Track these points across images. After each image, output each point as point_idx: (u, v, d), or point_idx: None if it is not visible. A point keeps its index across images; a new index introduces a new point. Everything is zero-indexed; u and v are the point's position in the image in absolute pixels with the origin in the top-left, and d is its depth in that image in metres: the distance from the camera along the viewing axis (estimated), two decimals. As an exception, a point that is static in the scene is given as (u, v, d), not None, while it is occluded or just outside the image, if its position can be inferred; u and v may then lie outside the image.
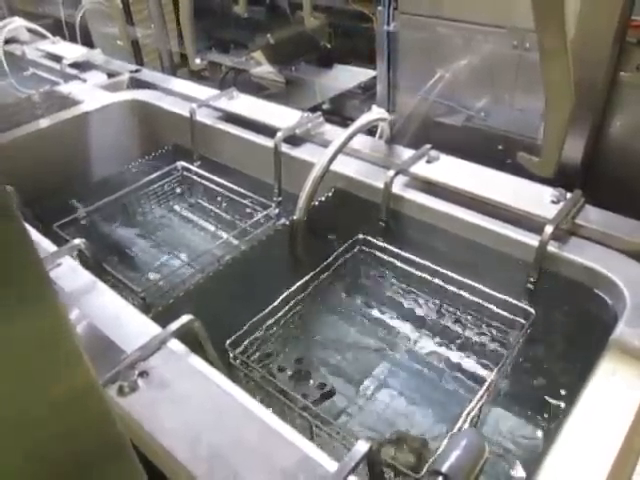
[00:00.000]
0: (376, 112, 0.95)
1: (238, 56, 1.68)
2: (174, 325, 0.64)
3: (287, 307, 0.82)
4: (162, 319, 0.68)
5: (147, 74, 1.43)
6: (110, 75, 1.44)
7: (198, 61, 1.31)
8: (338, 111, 1.50)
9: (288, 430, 0.54)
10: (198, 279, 0.83)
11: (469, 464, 0.45)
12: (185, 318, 0.65)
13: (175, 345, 0.64)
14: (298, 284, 0.84)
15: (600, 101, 0.88)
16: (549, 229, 0.76)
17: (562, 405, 0.66)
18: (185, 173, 1.21)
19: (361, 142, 1.05)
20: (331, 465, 0.51)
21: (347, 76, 1.64)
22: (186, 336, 0.67)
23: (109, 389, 0.58)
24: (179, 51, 1.67)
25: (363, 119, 0.93)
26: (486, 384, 0.67)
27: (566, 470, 0.51)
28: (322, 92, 1.58)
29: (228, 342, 0.75)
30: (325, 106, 1.56)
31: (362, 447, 0.50)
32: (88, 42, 1.79)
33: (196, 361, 0.62)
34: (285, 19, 1.64)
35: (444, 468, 0.44)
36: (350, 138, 0.91)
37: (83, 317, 0.69)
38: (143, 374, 0.60)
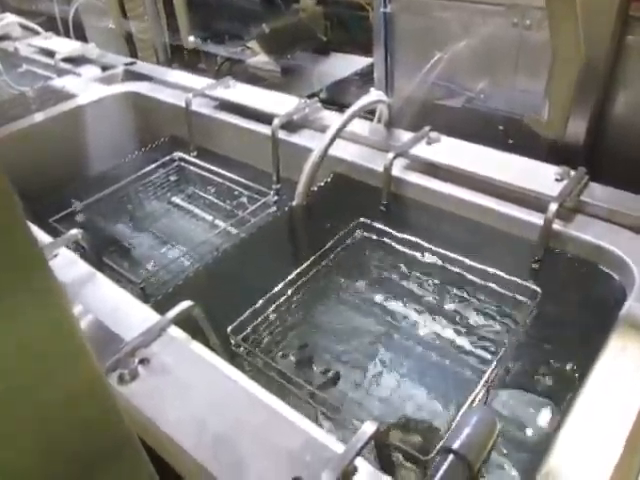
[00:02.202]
0: (374, 94, 0.94)
1: (234, 47, 1.66)
2: (173, 311, 0.62)
3: (289, 293, 0.81)
4: (162, 308, 0.66)
5: (142, 66, 1.42)
6: (105, 68, 1.43)
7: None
8: (335, 99, 1.47)
9: (293, 414, 0.53)
10: (198, 267, 0.81)
11: (481, 441, 0.44)
12: (185, 304, 0.63)
13: (175, 332, 0.63)
14: (299, 270, 0.83)
15: (603, 77, 0.86)
16: (554, 206, 0.74)
17: (572, 384, 0.65)
18: (182, 164, 1.19)
19: (360, 126, 1.03)
20: (338, 447, 0.49)
21: (344, 64, 1.62)
22: (186, 323, 0.65)
23: (109, 378, 0.57)
24: (173, 43, 1.65)
25: (361, 102, 0.92)
26: (492, 365, 0.66)
27: (578, 448, 0.50)
28: (319, 80, 1.56)
29: (230, 329, 0.73)
30: (322, 95, 1.54)
31: (369, 428, 0.49)
32: (82, 38, 1.77)
33: (197, 347, 0.61)
34: (280, 9, 1.62)
35: (455, 445, 0.42)
36: (349, 121, 0.90)
37: (82, 308, 0.68)
38: (144, 361, 0.59)
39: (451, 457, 0.42)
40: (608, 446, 0.50)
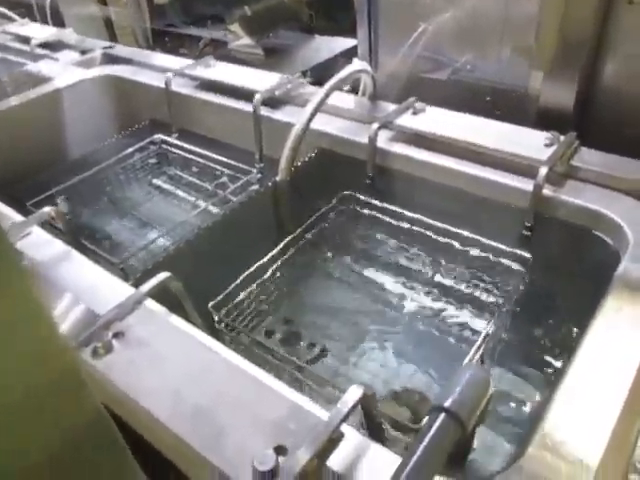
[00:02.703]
0: (358, 64, 0.91)
1: (216, 31, 1.63)
2: (149, 283, 0.60)
3: (273, 268, 0.78)
4: (141, 285, 0.64)
5: (121, 49, 1.38)
6: (83, 53, 1.39)
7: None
8: (321, 80, 1.44)
9: (276, 382, 0.50)
10: (178, 244, 0.78)
11: (474, 399, 0.41)
12: (161, 276, 0.61)
13: (152, 305, 0.60)
14: (282, 244, 0.80)
15: (591, 39, 0.84)
16: (544, 170, 0.72)
17: (567, 348, 0.63)
18: (163, 146, 1.16)
19: (344, 100, 1.01)
20: (323, 414, 0.47)
21: (329, 46, 1.59)
22: (165, 298, 0.63)
23: (83, 353, 0.54)
24: (155, 27, 1.61)
25: (344, 72, 0.89)
26: (483, 334, 0.63)
27: (575, 411, 0.48)
28: (303, 63, 1.53)
29: (211, 304, 0.71)
30: (307, 77, 1.51)
31: (355, 393, 0.46)
32: (61, 26, 1.73)
33: (175, 320, 0.58)
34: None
35: (447, 403, 0.40)
36: (331, 91, 0.87)
37: (55, 285, 0.65)
38: (118, 335, 0.56)
39: (443, 415, 0.40)
40: (606, 407, 0.47)
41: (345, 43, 1.56)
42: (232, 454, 0.44)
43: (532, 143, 0.79)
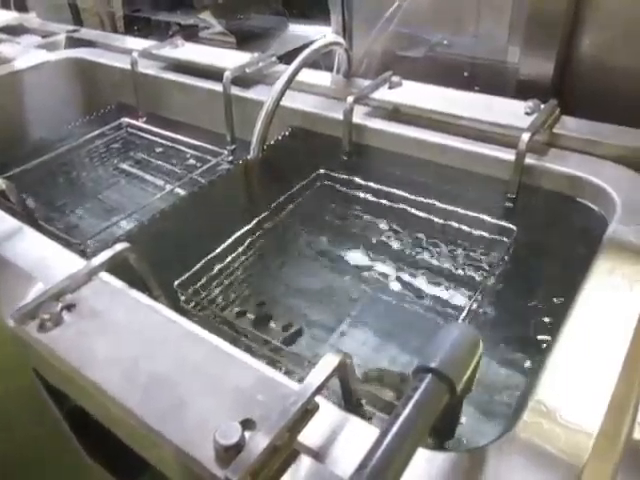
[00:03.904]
0: (330, 36, 0.87)
1: (186, 17, 1.58)
2: (105, 254, 0.54)
3: (244, 246, 0.73)
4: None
5: (87, 33, 1.33)
6: (46, 37, 1.33)
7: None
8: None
9: (242, 353, 0.46)
10: (142, 222, 0.73)
11: (463, 359, 0.37)
12: (118, 247, 0.55)
13: (109, 278, 0.55)
14: (253, 222, 0.76)
15: (567, 11, 0.82)
16: (525, 137, 0.69)
17: (559, 315, 0.59)
18: (130, 129, 1.11)
19: (318, 77, 0.97)
20: (295, 385, 0.42)
21: (303, 34, 1.55)
22: (126, 275, 0.57)
23: (28, 326, 0.49)
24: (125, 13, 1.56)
25: (316, 44, 0.85)
26: (466, 310, 0.60)
27: (570, 376, 0.44)
28: (277, 49, 1.49)
29: (176, 283, 0.66)
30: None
31: (331, 361, 0.42)
32: (24, 10, 1.66)
33: (134, 292, 0.53)
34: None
35: (434, 363, 0.36)
36: (303, 64, 0.83)
37: (2, 259, 0.59)
38: (69, 307, 0.50)
39: (429, 376, 0.35)
40: (604, 368, 0.44)
41: (321, 30, 1.53)
42: (192, 429, 0.39)
43: (512, 112, 0.76)
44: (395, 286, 0.74)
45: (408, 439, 0.33)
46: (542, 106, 0.76)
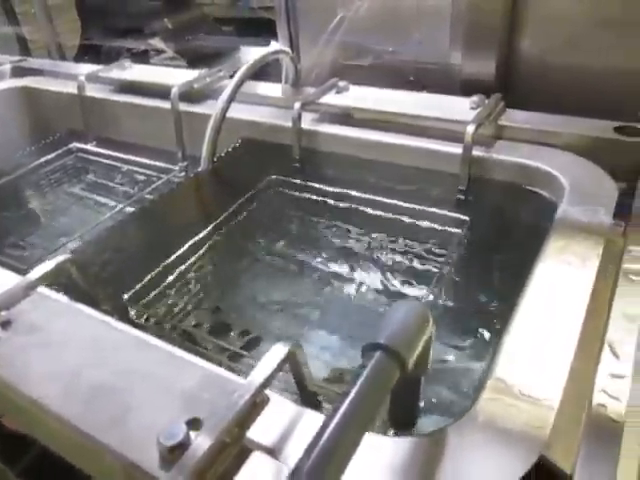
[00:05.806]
0: (275, 45, 0.87)
1: (136, 45, 1.57)
2: (44, 267, 0.52)
3: (196, 256, 0.71)
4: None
5: (33, 62, 1.30)
6: (-10, 69, 1.30)
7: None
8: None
9: (188, 355, 0.44)
10: (88, 240, 0.70)
11: (411, 332, 0.36)
12: (59, 258, 0.53)
13: (49, 293, 0.52)
14: (205, 232, 0.74)
15: (505, 13, 0.84)
16: (471, 128, 0.70)
17: (514, 298, 0.59)
18: (80, 154, 1.08)
19: (269, 89, 0.97)
20: (242, 380, 0.40)
21: (254, 53, 1.56)
22: (68, 289, 0.55)
23: (-42, 346, 0.46)
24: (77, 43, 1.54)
25: (261, 54, 0.85)
26: (424, 298, 0.59)
27: (528, 352, 0.43)
28: (229, 68, 1.49)
29: (126, 297, 0.63)
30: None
31: (280, 351, 0.40)
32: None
33: (76, 305, 0.51)
34: (182, 3, 1.56)
35: (381, 339, 0.34)
36: (249, 73, 0.83)
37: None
38: (5, 324, 0.48)
39: (378, 353, 0.34)
40: (561, 341, 0.43)
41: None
42: (136, 435, 0.37)
43: (458, 108, 0.77)
44: (353, 286, 0.73)
45: (358, 418, 0.31)
46: (486, 101, 0.77)
